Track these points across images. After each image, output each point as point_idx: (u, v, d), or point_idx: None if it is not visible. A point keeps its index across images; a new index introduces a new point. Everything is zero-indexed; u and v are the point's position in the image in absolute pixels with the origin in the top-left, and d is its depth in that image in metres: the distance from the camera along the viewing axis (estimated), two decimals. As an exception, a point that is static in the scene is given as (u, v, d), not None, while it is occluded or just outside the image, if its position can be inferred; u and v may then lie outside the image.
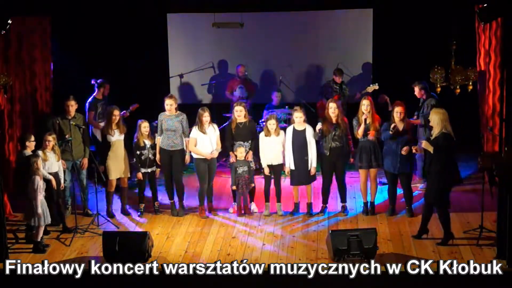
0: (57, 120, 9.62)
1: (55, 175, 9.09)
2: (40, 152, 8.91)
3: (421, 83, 10.43)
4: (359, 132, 9.51)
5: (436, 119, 8.51)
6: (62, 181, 9.23)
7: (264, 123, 10.18)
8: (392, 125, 9.31)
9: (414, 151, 9.34)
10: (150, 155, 9.77)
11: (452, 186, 8.66)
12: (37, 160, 8.56)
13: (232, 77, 12.62)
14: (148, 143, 9.77)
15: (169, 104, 9.71)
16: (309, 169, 9.57)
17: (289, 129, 9.67)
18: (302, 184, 9.69)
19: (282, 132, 9.75)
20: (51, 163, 9.04)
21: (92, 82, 11.06)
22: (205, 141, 9.64)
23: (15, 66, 10.40)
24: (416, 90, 10.52)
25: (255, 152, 9.80)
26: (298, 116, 9.57)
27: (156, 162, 9.82)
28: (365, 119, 9.44)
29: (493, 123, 10.20)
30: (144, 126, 9.73)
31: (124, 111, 10.86)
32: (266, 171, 9.73)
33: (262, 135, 9.75)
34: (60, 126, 9.61)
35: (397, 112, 9.37)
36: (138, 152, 9.74)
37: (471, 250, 8.39)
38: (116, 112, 9.73)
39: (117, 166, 9.72)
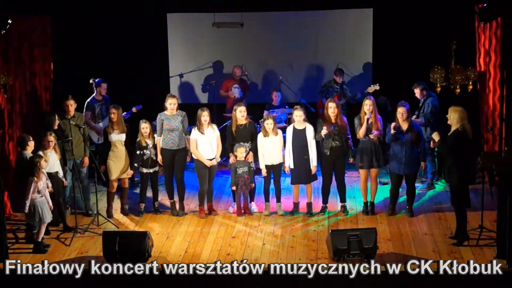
0: (55, 117, 9.56)
1: (56, 174, 9.10)
2: (41, 153, 8.90)
3: (420, 84, 10.44)
4: (361, 132, 9.49)
5: (456, 117, 8.46)
6: (64, 180, 9.24)
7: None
8: (393, 125, 9.30)
9: (432, 145, 9.30)
10: (152, 155, 9.76)
11: (468, 184, 8.61)
12: (40, 161, 8.55)
13: (228, 77, 12.60)
14: (150, 143, 9.76)
15: (173, 103, 9.66)
16: (310, 168, 9.57)
17: (289, 128, 9.66)
18: (302, 183, 9.69)
19: (280, 131, 9.75)
20: (52, 163, 9.05)
21: (91, 82, 11.05)
22: (204, 142, 9.62)
23: (15, 66, 10.39)
24: (417, 92, 10.52)
25: (255, 153, 9.78)
26: (298, 115, 9.55)
27: (158, 162, 9.81)
28: (367, 119, 9.43)
29: (493, 123, 10.20)
30: (143, 127, 9.72)
31: (128, 112, 10.85)
32: (264, 172, 9.72)
33: (260, 136, 9.72)
34: (59, 125, 9.60)
35: (400, 112, 9.35)
36: (139, 152, 9.74)
37: (471, 250, 8.39)
38: (114, 111, 9.71)
39: (118, 166, 9.71)
